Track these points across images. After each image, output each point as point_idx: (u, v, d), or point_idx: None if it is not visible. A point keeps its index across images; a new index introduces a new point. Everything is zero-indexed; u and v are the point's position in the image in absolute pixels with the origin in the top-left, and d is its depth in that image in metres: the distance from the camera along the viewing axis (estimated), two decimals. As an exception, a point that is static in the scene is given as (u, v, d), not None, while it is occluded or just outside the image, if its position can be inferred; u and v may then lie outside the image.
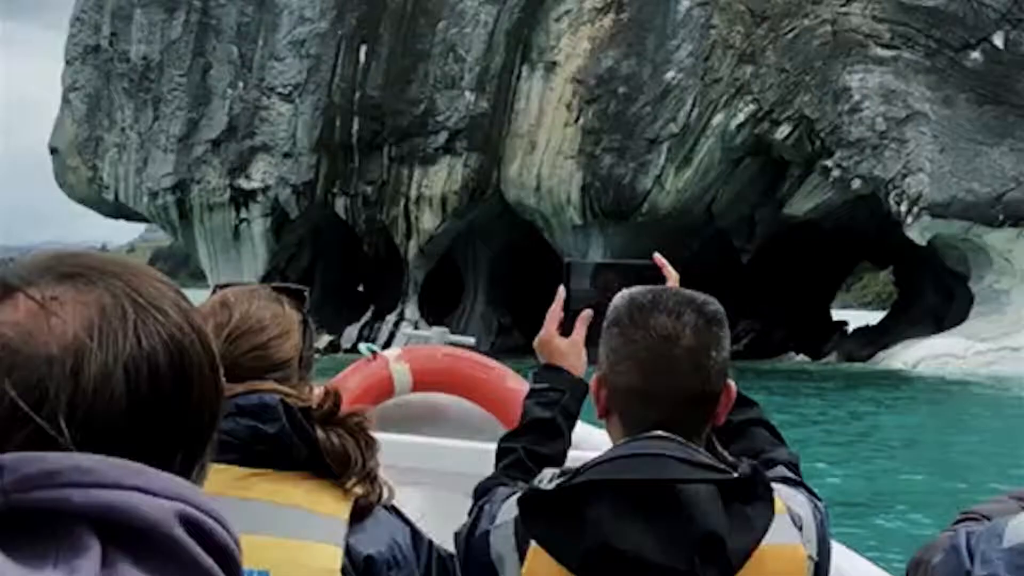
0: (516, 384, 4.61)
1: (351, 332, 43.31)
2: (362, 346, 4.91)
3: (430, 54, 41.05)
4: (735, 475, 1.98)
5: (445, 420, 4.77)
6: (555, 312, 2.48)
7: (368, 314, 45.12)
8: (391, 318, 43.76)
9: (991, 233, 37.72)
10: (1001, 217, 37.18)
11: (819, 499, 2.19)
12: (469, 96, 40.66)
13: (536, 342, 2.51)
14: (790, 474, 2.24)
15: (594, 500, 1.95)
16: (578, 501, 1.96)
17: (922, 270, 46.38)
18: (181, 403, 1.00)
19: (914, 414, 28.36)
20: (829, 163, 38.02)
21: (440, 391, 4.82)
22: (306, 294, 2.41)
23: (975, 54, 37.20)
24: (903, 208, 37.62)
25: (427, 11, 40.96)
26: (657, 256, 2.55)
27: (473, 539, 2.12)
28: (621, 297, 2.14)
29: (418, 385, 4.78)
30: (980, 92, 37.02)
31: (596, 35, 39.46)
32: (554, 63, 40.13)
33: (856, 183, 37.95)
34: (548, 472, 2.05)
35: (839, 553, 2.52)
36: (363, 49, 41.92)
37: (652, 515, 1.95)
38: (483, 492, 2.25)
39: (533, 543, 2.00)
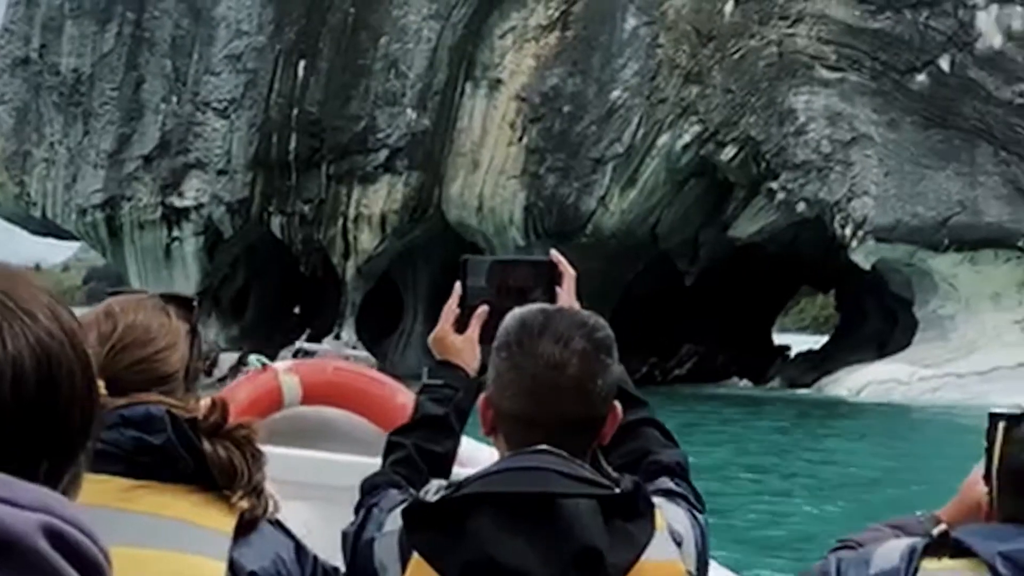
0: (407, 400, 4.56)
1: (286, 355, 42.52)
2: (251, 357, 4.87)
3: (371, 70, 40.67)
4: (617, 491, 2.01)
5: (334, 434, 4.76)
6: (450, 308, 2.48)
7: (304, 336, 44.42)
8: (327, 341, 43.13)
9: (936, 258, 37.90)
10: (946, 241, 37.36)
11: (699, 510, 2.23)
12: (411, 113, 40.33)
13: (431, 338, 2.53)
14: (673, 485, 2.26)
15: (476, 513, 1.98)
16: (460, 513, 1.99)
17: (865, 294, 46.63)
18: (47, 410, 0.98)
19: (858, 442, 28.35)
20: (774, 185, 38.06)
21: (330, 404, 4.81)
22: (195, 304, 2.39)
23: (921, 77, 37.43)
24: (848, 231, 37.71)
25: (369, 26, 40.59)
26: (554, 253, 2.53)
27: (359, 544, 2.16)
28: (512, 318, 2.15)
29: (308, 398, 4.78)
30: (926, 115, 37.23)
31: (541, 52, 39.30)
32: (498, 80, 39.91)
33: (801, 206, 38.00)
34: (435, 484, 2.07)
35: (714, 570, 2.55)
36: (302, 64, 41.45)
37: (532, 528, 1.97)
38: (370, 489, 2.29)
39: (415, 554, 2.02)
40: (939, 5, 37.06)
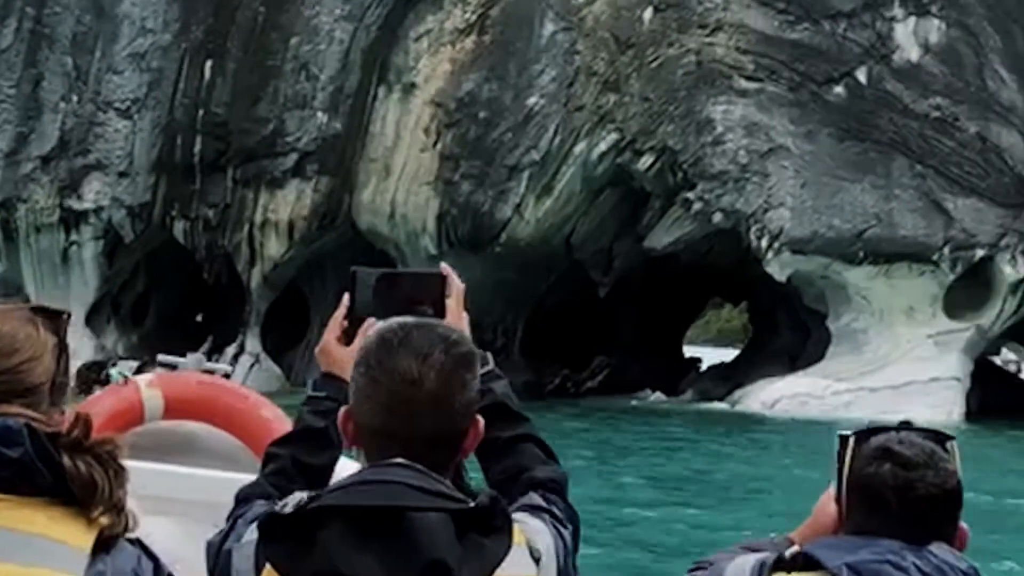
0: (272, 414, 4.67)
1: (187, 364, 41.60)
2: (113, 370, 4.98)
3: (281, 71, 39.90)
4: (471, 505, 2.02)
5: (197, 448, 4.77)
6: (337, 320, 2.48)
7: (206, 346, 43.45)
8: (231, 350, 42.26)
9: (851, 270, 38.13)
10: (861, 254, 37.61)
11: (566, 526, 2.25)
12: (321, 117, 39.63)
13: (316, 350, 2.52)
14: (540, 500, 2.27)
15: (326, 526, 1.99)
16: (312, 526, 2.00)
17: (778, 307, 46.81)
18: None
19: (770, 456, 28.33)
20: (691, 195, 38.03)
21: (193, 419, 4.81)
22: (65, 317, 2.34)
23: (838, 89, 37.66)
24: (764, 243, 37.81)
25: (279, 25, 39.84)
26: (443, 265, 2.58)
27: (220, 554, 2.18)
28: (372, 333, 2.20)
29: (170, 412, 4.77)
30: (842, 127, 37.47)
31: (457, 57, 38.87)
32: (412, 85, 39.39)
33: (717, 216, 38.01)
34: (296, 496, 2.06)
35: None
36: (209, 64, 40.55)
37: (381, 542, 1.99)
38: (243, 500, 2.30)
39: (268, 565, 2.04)
40: (857, 17, 37.34)
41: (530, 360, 44.79)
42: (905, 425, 2.41)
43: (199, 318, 47.39)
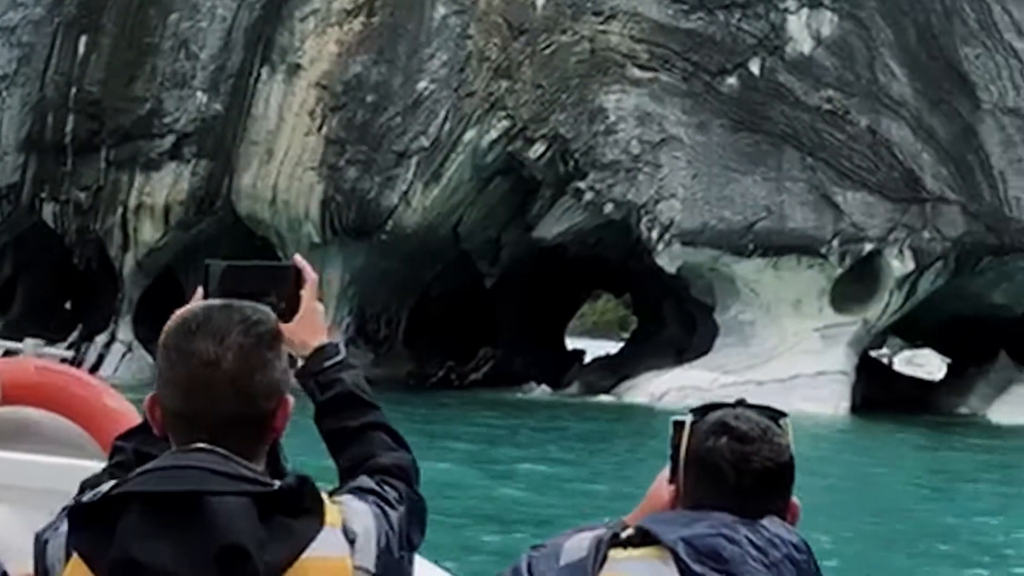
0: (115, 402, 4.66)
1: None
2: None
3: (159, 49, 38.66)
4: (274, 488, 2.05)
5: (36, 435, 4.70)
6: None
7: (75, 334, 42.10)
8: (101, 339, 41.00)
9: (740, 263, 38.23)
10: (752, 247, 37.72)
11: (395, 508, 2.27)
12: (201, 97, 38.51)
13: None
14: (372, 483, 2.30)
15: (126, 513, 2.02)
16: (114, 513, 2.02)
17: (664, 299, 46.87)
18: None
19: (658, 449, 28.13)
20: (582, 185, 37.77)
21: (32, 405, 4.74)
22: None
23: (731, 80, 37.70)
24: (654, 235, 37.71)
25: (157, 1, 38.62)
26: (297, 257, 2.57)
27: (39, 544, 2.17)
28: (173, 317, 2.20)
29: (8, 398, 4.70)
30: (735, 119, 37.52)
31: (344, 39, 38.05)
32: (297, 66, 38.45)
33: (609, 207, 37.82)
34: (107, 484, 2.08)
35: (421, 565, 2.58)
36: (83, 39, 39.13)
37: (178, 528, 2.01)
38: (79, 491, 2.27)
39: (75, 554, 2.06)
40: (751, 7, 37.41)
41: (414, 351, 44.23)
42: (741, 402, 2.47)
43: (68, 305, 45.89)
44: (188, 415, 2.15)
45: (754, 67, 37.67)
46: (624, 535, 2.39)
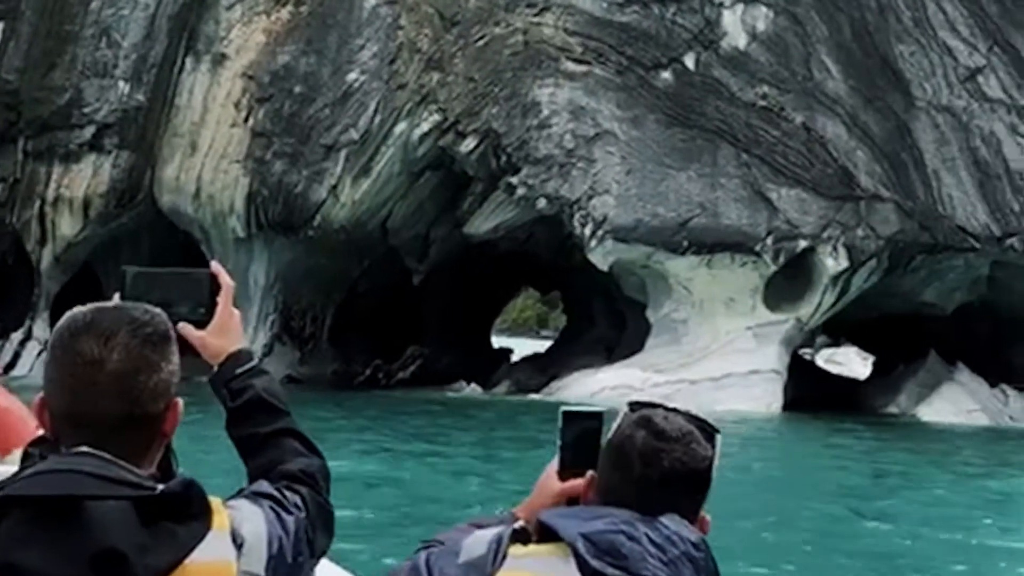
0: (5, 401, 4.55)
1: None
2: None
3: (79, 36, 37.60)
4: (156, 492, 2.04)
5: None
6: None
7: (-11, 332, 40.97)
8: (16, 336, 39.91)
9: (673, 260, 37.99)
10: (685, 244, 37.49)
11: (291, 513, 2.26)
12: (123, 87, 37.53)
13: None
14: (271, 489, 2.30)
15: (5, 517, 2.01)
16: None
17: (595, 297, 46.60)
18: None
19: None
20: (515, 180, 37.33)
21: None
22: None
23: (666, 74, 37.45)
24: (587, 231, 37.35)
25: (78, -13, 37.62)
26: (214, 264, 2.54)
27: None
28: (64, 317, 2.21)
29: None
30: (670, 114, 37.28)
31: (272, 28, 37.27)
32: (223, 56, 37.60)
33: (541, 202, 37.42)
34: None
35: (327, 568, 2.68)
36: (0, 27, 37.98)
37: (55, 532, 2.00)
38: None
39: None
40: (686, 2, 37.22)
41: (339, 349, 43.54)
42: (675, 410, 2.50)
43: (-19, 301, 44.64)
44: (73, 416, 2.13)
45: (689, 62, 37.46)
46: (518, 527, 2.42)
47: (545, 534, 2.37)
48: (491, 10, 37.00)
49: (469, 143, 37.22)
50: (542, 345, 61.52)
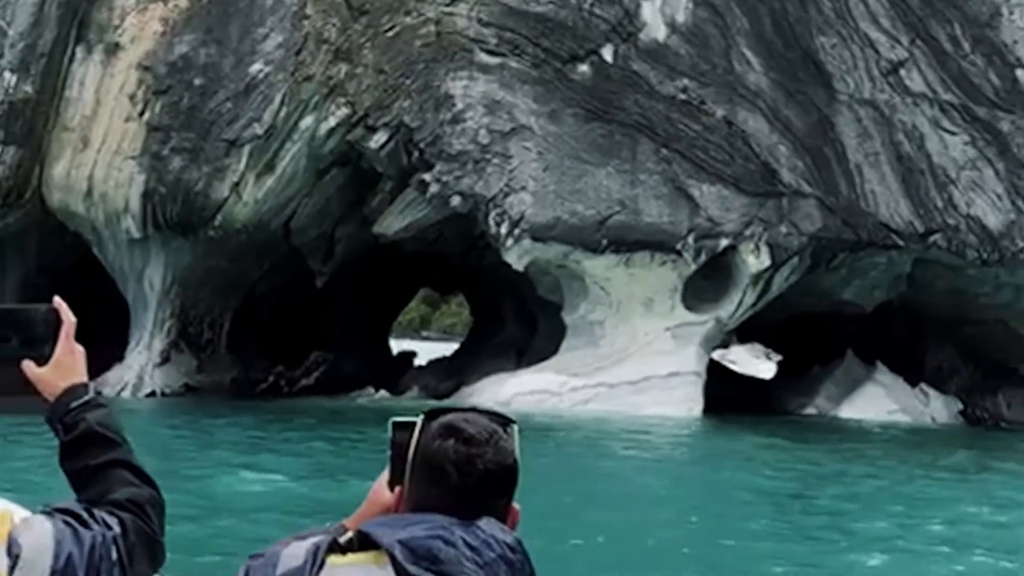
0: None
1: None
2: None
3: (-39, 25, 35.69)
4: None
5: None
6: None
7: None
8: None
9: (591, 260, 37.18)
10: (604, 242, 36.70)
11: (90, 528, 2.32)
12: (9, 78, 35.62)
13: None
14: (74, 507, 2.37)
15: None
16: None
17: (504, 298, 45.68)
18: None
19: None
20: (427, 177, 36.20)
21: None
22: None
23: (583, 67, 36.60)
24: (503, 229, 36.37)
25: (-41, -28, 35.65)
26: (57, 300, 2.63)
27: None
28: None
29: None
30: (587, 108, 36.44)
31: (169, 16, 35.65)
32: (116, 45, 35.87)
33: (455, 200, 36.35)
34: None
35: None
36: None
37: None
38: None
39: None
40: (605, -9, 36.35)
41: (239, 356, 42.02)
42: (472, 409, 2.54)
43: None
44: None
45: (607, 54, 36.63)
46: (343, 540, 2.41)
47: (364, 543, 2.38)
48: (402, -1, 35.83)
49: (379, 138, 36.01)
50: (427, 347, 60.54)
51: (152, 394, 36.82)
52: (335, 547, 2.39)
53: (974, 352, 44.27)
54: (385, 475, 2.56)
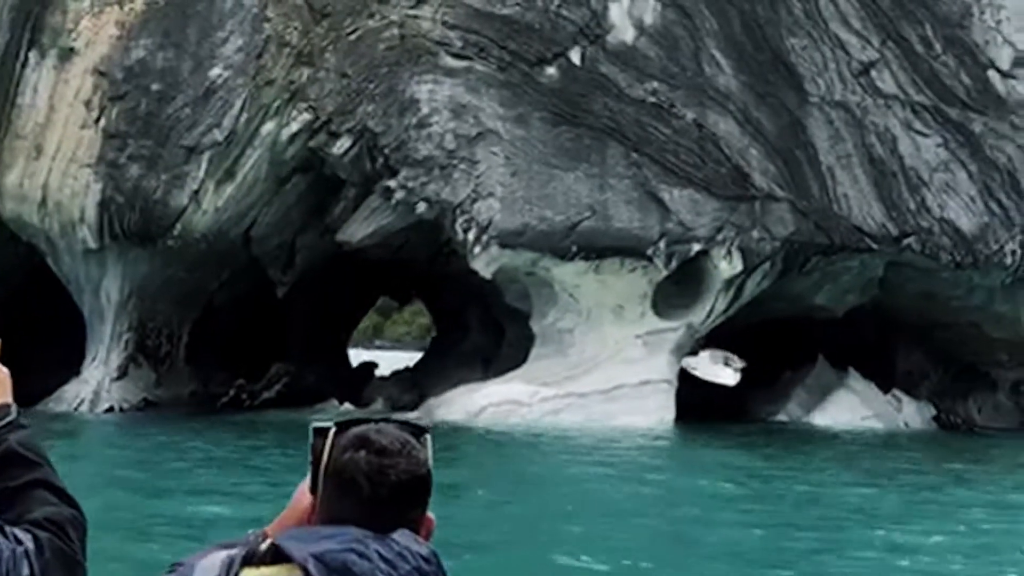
0: None
1: None
2: None
3: (-92, 29, 34.73)
4: None
5: None
6: None
7: None
8: None
9: (560, 266, 36.67)
10: (574, 249, 36.19)
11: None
12: (-42, 85, 34.73)
13: None
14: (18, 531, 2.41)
15: None
16: None
17: (467, 306, 45.12)
18: None
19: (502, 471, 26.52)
20: (392, 183, 35.58)
21: None
22: None
23: (551, 70, 36.10)
24: (471, 236, 35.78)
25: (-94, -25, 34.69)
26: None
27: None
28: None
29: None
30: (555, 111, 35.93)
31: (125, 19, 34.82)
32: (71, 50, 35.01)
33: (421, 207, 35.74)
34: None
35: None
36: None
37: None
38: None
39: None
40: (572, -7, 35.86)
41: (198, 369, 41.21)
42: (384, 419, 2.55)
43: None
44: None
45: (575, 57, 36.14)
46: (260, 550, 2.39)
47: (278, 556, 2.35)
48: (364, 1, 35.20)
49: (343, 144, 35.34)
50: (383, 356, 59.78)
51: (110, 409, 35.96)
52: (250, 560, 2.38)
53: (945, 356, 44.14)
54: (307, 481, 2.54)
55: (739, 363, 75.77)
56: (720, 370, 67.92)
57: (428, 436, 2.55)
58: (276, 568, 2.35)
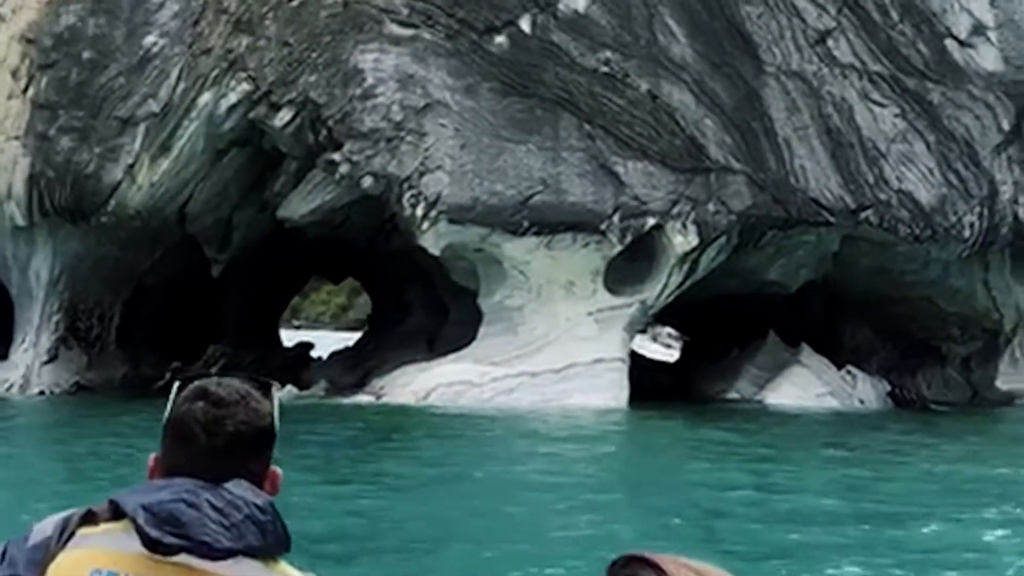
0: None
1: None
2: None
3: None
4: None
5: None
6: None
7: None
8: None
9: (511, 242, 35.71)
10: (526, 224, 35.25)
11: None
12: None
13: None
14: None
15: None
16: None
17: (408, 284, 44.14)
18: None
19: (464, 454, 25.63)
20: (336, 157, 34.43)
21: None
22: None
23: (500, 39, 35.08)
24: (419, 212, 34.72)
25: None
26: None
27: None
28: None
29: None
30: (506, 82, 34.94)
31: (55, -16, 33.36)
32: (-3, 17, 33.55)
33: (367, 181, 34.62)
34: None
35: None
36: None
37: None
38: None
39: None
40: (522, -42, 34.85)
41: (129, 351, 39.85)
42: (228, 375, 2.56)
43: None
44: None
45: (525, 25, 35.14)
46: (97, 507, 2.40)
47: (117, 512, 2.35)
48: (307, -34, 33.94)
49: (284, 115, 34.13)
50: (304, 336, 58.59)
51: (41, 393, 34.57)
52: (89, 518, 2.38)
53: (894, 331, 43.77)
54: None
55: (668, 340, 75.38)
56: (650, 346, 67.43)
57: (274, 390, 2.56)
58: (111, 524, 2.35)
